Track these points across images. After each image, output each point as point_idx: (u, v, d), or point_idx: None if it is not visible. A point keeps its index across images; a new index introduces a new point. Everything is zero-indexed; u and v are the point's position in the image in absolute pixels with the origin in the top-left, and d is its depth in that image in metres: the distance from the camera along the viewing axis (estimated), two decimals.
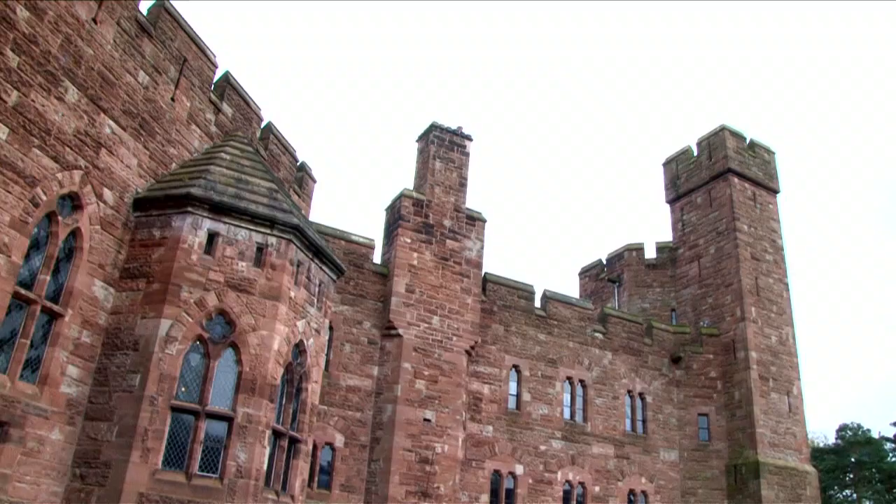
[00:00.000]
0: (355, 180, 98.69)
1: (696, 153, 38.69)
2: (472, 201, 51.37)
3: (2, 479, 13.10)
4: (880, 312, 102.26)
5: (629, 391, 30.84)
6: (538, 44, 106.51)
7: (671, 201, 39.47)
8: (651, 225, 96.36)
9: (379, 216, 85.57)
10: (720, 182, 36.51)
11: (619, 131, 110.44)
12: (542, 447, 27.75)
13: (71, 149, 14.71)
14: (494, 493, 26.20)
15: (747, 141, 38.01)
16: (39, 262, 14.33)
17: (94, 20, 15.34)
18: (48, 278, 14.38)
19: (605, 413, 29.72)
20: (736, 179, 36.19)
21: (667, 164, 40.48)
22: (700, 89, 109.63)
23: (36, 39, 13.88)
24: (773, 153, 38.87)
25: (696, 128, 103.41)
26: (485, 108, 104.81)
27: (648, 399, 31.18)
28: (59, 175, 14.42)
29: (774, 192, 37.73)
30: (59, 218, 14.62)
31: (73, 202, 14.96)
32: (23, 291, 13.77)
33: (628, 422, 30.50)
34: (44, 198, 14.05)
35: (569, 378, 29.39)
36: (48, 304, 14.36)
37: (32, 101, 13.81)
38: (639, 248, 39.68)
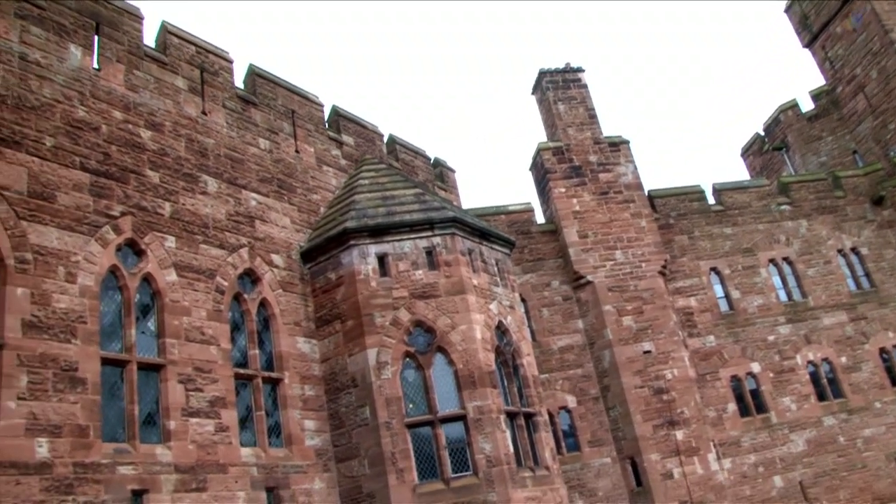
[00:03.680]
0: (489, 151, 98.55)
1: None
2: (608, 129, 50.12)
3: None
4: None
5: (839, 251, 28.98)
6: None
7: (808, 44, 36.73)
8: (795, 79, 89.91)
9: (526, 177, 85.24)
10: (855, 1, 33.62)
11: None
12: (771, 337, 26.67)
13: (230, 232, 15.73)
14: (740, 399, 25.48)
15: None
16: (245, 340, 15.44)
17: (204, 112, 16.32)
18: (257, 351, 15.49)
19: (822, 282, 28.14)
20: None
21: (788, 9, 37.75)
22: None
23: (165, 151, 14.97)
24: None
25: None
26: (575, 34, 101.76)
27: (863, 251, 29.21)
28: (230, 258, 15.46)
29: None
30: (245, 296, 15.69)
31: (250, 278, 16.01)
32: (241, 371, 14.93)
33: (850, 282, 28.65)
34: (225, 284, 15.13)
35: (771, 260, 28.06)
36: (265, 373, 15.48)
37: (183, 204, 14.90)
38: (793, 106, 37.26)
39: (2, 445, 10.64)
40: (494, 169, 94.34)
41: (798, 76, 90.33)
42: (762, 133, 39.74)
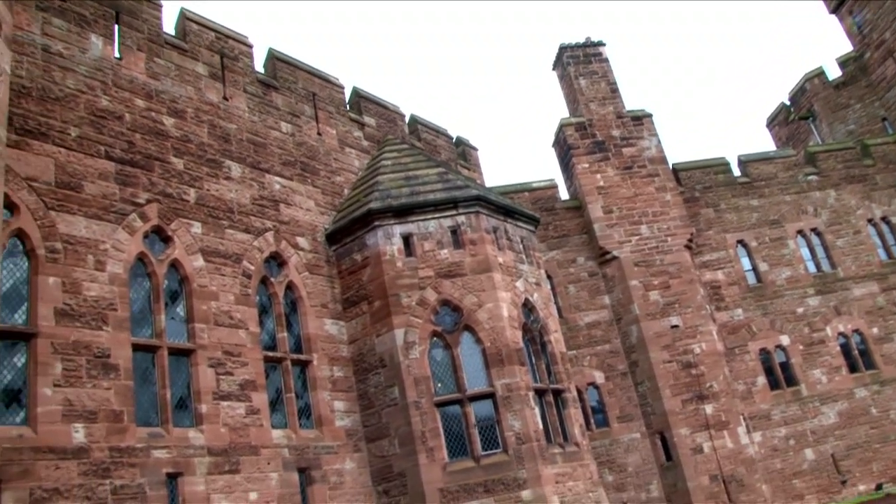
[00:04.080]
0: (511, 129, 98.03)
1: None
2: (630, 103, 49.72)
3: None
4: None
5: (869, 220, 28.52)
6: None
7: (835, 10, 36.01)
8: (821, 48, 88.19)
9: (549, 154, 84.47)
10: None
11: None
12: (800, 310, 26.42)
13: (255, 216, 15.82)
14: (769, 372, 25.29)
15: None
16: (273, 323, 15.57)
17: (225, 98, 16.38)
18: (286, 334, 15.62)
19: (851, 252, 27.77)
20: None
21: None
22: None
23: (188, 137, 15.06)
24: None
25: None
26: (593, 7, 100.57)
27: (894, 220, 28.65)
28: (256, 242, 15.56)
29: None
30: (272, 279, 15.81)
31: (276, 261, 16.12)
32: (270, 354, 15.07)
33: (881, 251, 28.18)
34: (252, 268, 15.24)
35: (799, 232, 27.71)
36: (294, 356, 15.62)
37: (208, 190, 14.99)
38: (819, 74, 36.60)
39: (41, 431, 10.86)
40: (517, 147, 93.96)
41: (824, 44, 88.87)
42: (788, 103, 39.15)
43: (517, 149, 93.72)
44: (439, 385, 16.15)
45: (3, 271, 11.34)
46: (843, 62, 35.81)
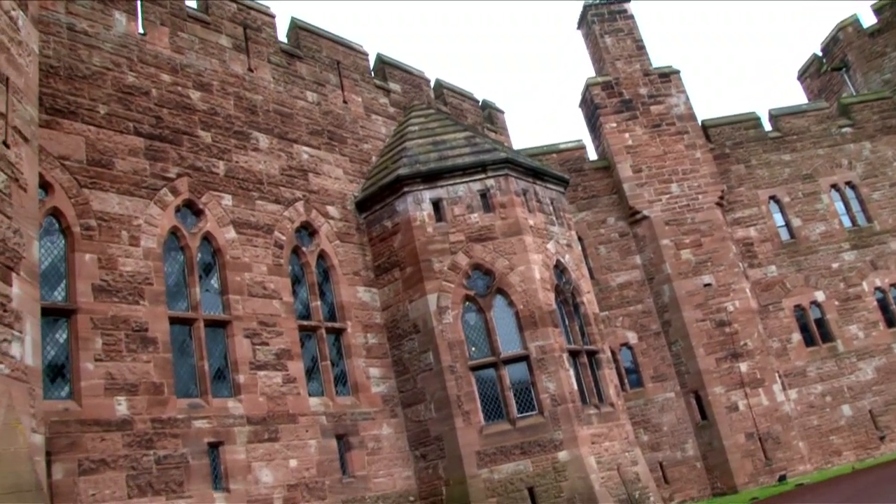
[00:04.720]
0: (537, 91, 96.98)
1: None
2: (657, 59, 48.84)
3: (363, 480, 14.73)
4: None
5: None
6: None
7: None
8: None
9: (577, 115, 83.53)
10: None
11: None
12: (835, 265, 26.05)
13: (284, 186, 15.89)
14: (804, 328, 25.06)
15: None
16: (306, 293, 15.71)
17: (250, 69, 16.38)
18: (319, 303, 15.76)
19: (888, 205, 27.22)
20: None
21: None
22: None
23: (215, 111, 15.11)
24: None
25: None
26: None
27: None
28: (286, 213, 15.65)
29: None
30: (303, 249, 15.92)
31: (307, 230, 16.22)
32: (305, 323, 15.23)
33: None
34: (283, 238, 15.35)
35: (833, 186, 27.22)
36: (328, 324, 15.77)
37: (236, 162, 15.07)
38: (853, 22, 35.60)
39: (85, 404, 11.09)
40: (543, 109, 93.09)
41: None
42: (820, 54, 38.20)
43: (543, 111, 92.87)
44: (473, 349, 16.23)
45: (41, 250, 11.50)
46: (879, 8, 34.75)
